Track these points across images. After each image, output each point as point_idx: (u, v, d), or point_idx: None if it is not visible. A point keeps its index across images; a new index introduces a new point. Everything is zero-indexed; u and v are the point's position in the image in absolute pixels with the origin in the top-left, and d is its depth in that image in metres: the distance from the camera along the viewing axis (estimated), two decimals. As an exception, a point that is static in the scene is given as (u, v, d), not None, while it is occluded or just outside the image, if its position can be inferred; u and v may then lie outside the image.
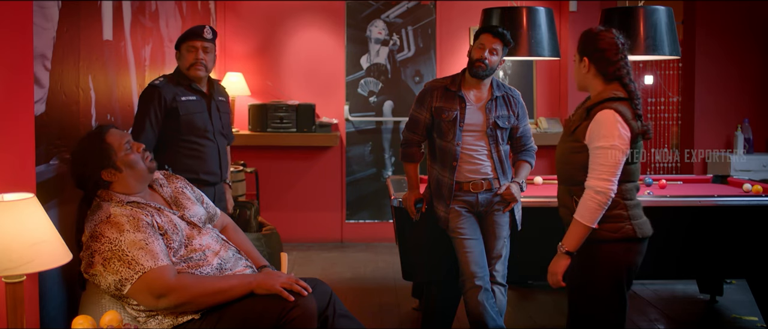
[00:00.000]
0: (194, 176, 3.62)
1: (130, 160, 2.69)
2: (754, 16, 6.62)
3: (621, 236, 2.75)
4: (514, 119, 3.59)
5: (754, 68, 6.66)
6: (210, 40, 3.64)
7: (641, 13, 4.48)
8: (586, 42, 2.82)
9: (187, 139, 3.61)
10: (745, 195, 4.29)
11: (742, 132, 6.50)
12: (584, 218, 2.72)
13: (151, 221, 2.60)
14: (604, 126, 2.70)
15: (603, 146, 2.69)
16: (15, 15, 2.26)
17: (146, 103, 3.52)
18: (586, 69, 2.82)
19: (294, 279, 2.62)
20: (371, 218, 6.78)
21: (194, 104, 3.63)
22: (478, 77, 3.50)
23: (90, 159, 2.65)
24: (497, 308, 3.52)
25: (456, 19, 6.74)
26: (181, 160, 3.59)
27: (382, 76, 6.72)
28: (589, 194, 2.71)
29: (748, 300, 4.64)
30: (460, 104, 3.52)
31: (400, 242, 4.02)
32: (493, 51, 3.47)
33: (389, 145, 6.76)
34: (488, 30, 3.51)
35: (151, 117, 3.49)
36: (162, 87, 3.55)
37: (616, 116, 2.70)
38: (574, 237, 2.75)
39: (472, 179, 3.53)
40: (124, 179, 2.68)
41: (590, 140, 2.74)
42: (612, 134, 2.68)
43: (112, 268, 2.48)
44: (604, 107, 2.73)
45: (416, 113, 3.64)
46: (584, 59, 2.81)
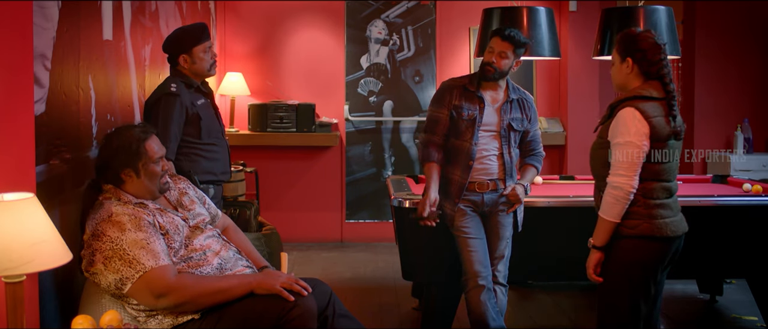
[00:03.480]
0: (213, 176, 3.63)
1: (152, 172, 2.70)
2: (754, 16, 6.62)
3: (637, 234, 2.80)
4: (526, 122, 3.60)
5: (754, 68, 6.66)
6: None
7: (641, 13, 4.49)
8: (628, 43, 2.87)
9: (206, 142, 3.58)
10: (744, 195, 4.29)
11: (741, 132, 6.50)
12: (605, 212, 2.81)
13: (153, 220, 2.61)
14: (622, 123, 2.78)
15: (619, 142, 2.78)
16: (15, 15, 2.26)
17: (169, 112, 3.41)
18: (629, 69, 2.86)
19: (294, 279, 2.63)
20: (371, 218, 6.78)
21: (206, 107, 3.61)
22: (487, 80, 3.51)
23: (123, 153, 2.66)
24: (498, 308, 3.52)
25: (456, 19, 6.74)
26: (201, 164, 3.55)
27: (382, 76, 6.72)
28: (607, 190, 2.81)
29: (748, 300, 4.64)
30: (479, 104, 3.52)
31: (400, 242, 4.02)
32: (502, 55, 3.46)
33: (389, 145, 6.76)
34: (497, 33, 3.52)
35: (174, 127, 3.42)
36: (181, 94, 3.46)
37: (636, 113, 2.76)
38: (600, 232, 2.84)
39: (478, 179, 3.53)
40: (136, 185, 2.69)
41: (611, 136, 2.82)
42: (628, 131, 2.76)
43: (113, 267, 2.49)
44: (626, 104, 2.80)
45: (436, 113, 3.58)
46: (628, 60, 2.86)
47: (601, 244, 2.84)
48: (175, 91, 3.45)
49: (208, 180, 3.60)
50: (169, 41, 3.61)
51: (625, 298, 2.84)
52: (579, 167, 6.44)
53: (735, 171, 6.20)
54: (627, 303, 2.84)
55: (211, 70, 3.61)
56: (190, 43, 3.54)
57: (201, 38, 3.55)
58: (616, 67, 2.91)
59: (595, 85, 6.72)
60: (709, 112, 6.60)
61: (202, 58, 3.56)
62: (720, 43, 6.61)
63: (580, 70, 6.70)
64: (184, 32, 3.63)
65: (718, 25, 6.60)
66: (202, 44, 3.55)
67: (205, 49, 3.56)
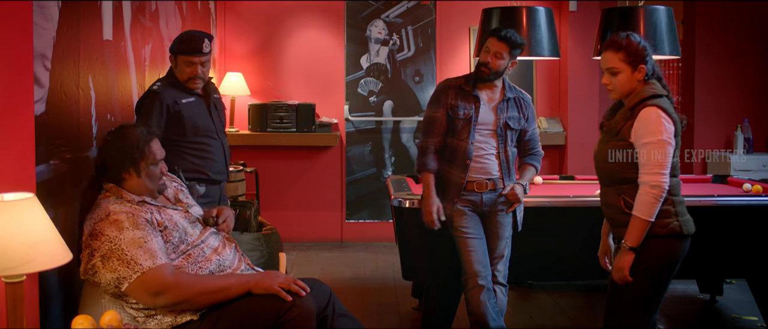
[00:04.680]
0: (203, 176, 3.65)
1: (151, 174, 2.74)
2: (754, 16, 6.62)
3: (668, 233, 2.82)
4: (523, 121, 3.60)
5: (754, 68, 6.66)
6: (208, 53, 3.62)
7: (641, 13, 4.49)
8: (637, 50, 2.86)
9: (192, 140, 3.62)
10: (745, 195, 4.29)
11: (741, 132, 6.50)
12: (642, 212, 2.79)
13: (151, 218, 2.62)
14: (650, 122, 2.78)
15: (651, 141, 2.78)
16: (15, 15, 2.26)
17: (148, 109, 3.51)
18: (641, 75, 2.86)
19: (292, 279, 2.63)
20: (371, 218, 6.78)
21: (195, 106, 3.65)
22: (482, 81, 3.52)
23: (127, 152, 2.69)
24: (498, 308, 3.53)
25: (456, 18, 6.74)
26: (188, 161, 3.60)
27: (382, 76, 6.72)
28: (645, 189, 2.78)
29: (748, 300, 4.64)
30: (475, 102, 3.53)
31: (400, 242, 4.02)
32: (498, 55, 3.48)
33: (389, 145, 6.76)
34: (493, 33, 3.53)
35: (153, 123, 3.45)
36: (162, 92, 3.55)
37: (660, 111, 2.79)
38: (636, 233, 2.81)
39: (477, 178, 3.53)
40: (135, 184, 2.71)
41: (637, 137, 2.81)
42: (658, 130, 2.77)
43: (111, 266, 2.49)
44: (646, 104, 2.81)
45: (432, 113, 3.60)
46: (640, 67, 2.86)
47: (637, 245, 2.81)
48: (156, 89, 3.57)
49: (195, 178, 3.62)
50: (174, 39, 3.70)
51: (655, 297, 2.86)
52: (579, 167, 6.45)
53: (735, 171, 6.20)
54: (654, 302, 2.87)
55: (188, 83, 3.61)
56: (178, 49, 3.61)
57: (186, 50, 3.57)
58: (626, 76, 2.87)
59: (595, 85, 6.71)
60: (709, 112, 6.60)
61: (181, 68, 3.60)
62: (720, 42, 6.61)
63: (580, 71, 6.70)
64: (181, 37, 3.68)
65: (717, 24, 6.60)
66: (185, 56, 3.57)
67: (187, 62, 3.57)
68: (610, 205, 2.95)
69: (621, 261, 2.85)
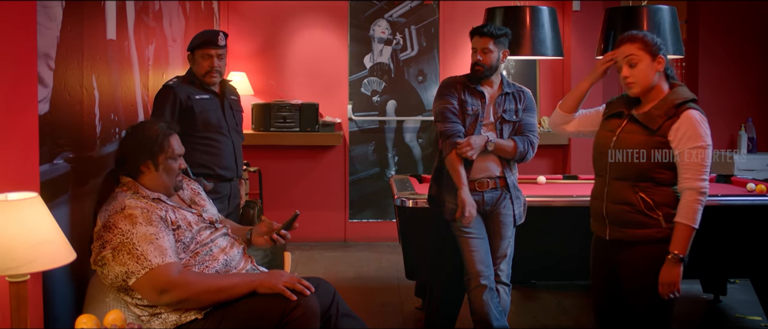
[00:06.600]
0: (210, 171, 3.78)
1: (170, 168, 2.76)
2: (757, 16, 6.61)
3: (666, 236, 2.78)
4: (521, 112, 3.59)
5: (758, 68, 6.65)
6: (224, 47, 3.80)
7: (645, 13, 4.48)
8: (652, 41, 2.82)
9: (202, 135, 3.75)
10: (748, 195, 4.28)
11: (745, 131, 6.49)
12: (691, 220, 2.71)
13: (165, 215, 2.64)
14: (699, 125, 2.73)
15: (700, 145, 2.72)
16: (19, 15, 2.27)
17: (162, 103, 3.69)
18: (661, 66, 2.82)
19: (296, 279, 2.63)
20: (374, 218, 6.78)
21: (208, 102, 3.79)
22: (479, 80, 3.53)
23: (148, 145, 2.73)
24: (501, 307, 3.52)
25: (459, 18, 6.74)
26: (197, 156, 3.71)
27: (386, 76, 6.72)
28: (693, 196, 2.71)
29: (752, 300, 4.63)
30: (481, 98, 3.54)
31: (404, 242, 4.02)
32: (486, 50, 3.50)
33: (392, 144, 6.76)
34: (474, 32, 3.56)
35: (167, 115, 3.63)
36: (176, 87, 3.73)
37: (703, 116, 2.77)
38: (685, 241, 2.73)
39: (478, 177, 3.53)
40: (154, 178, 2.74)
41: (681, 139, 2.73)
42: (706, 134, 2.74)
43: (120, 259, 2.51)
44: (690, 107, 2.76)
45: (445, 104, 3.52)
46: (659, 57, 2.81)
47: (686, 253, 2.73)
48: (171, 84, 3.75)
49: (202, 173, 3.73)
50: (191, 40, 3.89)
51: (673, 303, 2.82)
52: (582, 166, 6.44)
53: (739, 171, 6.19)
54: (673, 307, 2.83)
55: (205, 76, 3.79)
56: (195, 44, 3.79)
57: (202, 44, 3.77)
58: (647, 65, 2.79)
59: (599, 84, 6.68)
60: (712, 111, 6.57)
61: (199, 62, 3.80)
62: (723, 42, 6.60)
63: (584, 70, 6.68)
64: (198, 35, 3.85)
65: (721, 24, 6.58)
66: (202, 49, 3.77)
67: (204, 55, 3.76)
68: (621, 201, 2.84)
69: (672, 274, 2.73)
